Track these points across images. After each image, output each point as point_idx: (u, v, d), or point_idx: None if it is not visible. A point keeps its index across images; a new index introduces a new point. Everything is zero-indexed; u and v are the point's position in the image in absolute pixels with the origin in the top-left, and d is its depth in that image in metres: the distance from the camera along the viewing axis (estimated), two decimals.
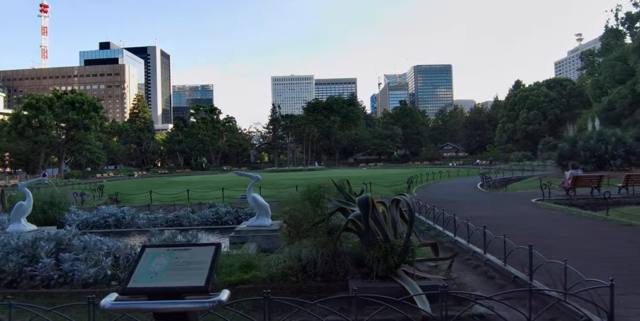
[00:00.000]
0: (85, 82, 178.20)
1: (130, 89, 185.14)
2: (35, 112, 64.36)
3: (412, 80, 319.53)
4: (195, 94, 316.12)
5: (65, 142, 71.13)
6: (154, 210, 15.51)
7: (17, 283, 6.63)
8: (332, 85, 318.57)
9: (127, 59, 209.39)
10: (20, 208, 9.76)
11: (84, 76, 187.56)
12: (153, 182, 45.09)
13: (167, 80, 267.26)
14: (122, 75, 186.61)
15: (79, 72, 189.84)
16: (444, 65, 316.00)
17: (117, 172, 76.11)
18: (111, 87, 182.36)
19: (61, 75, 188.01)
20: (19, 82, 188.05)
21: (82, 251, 7.05)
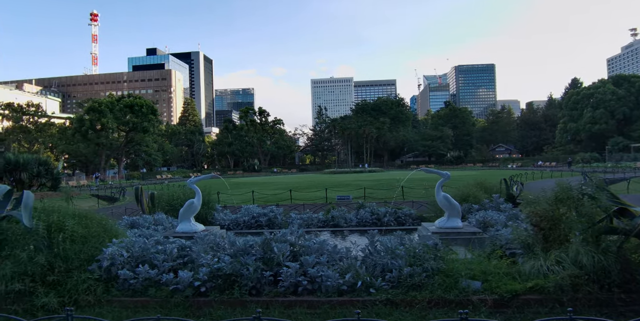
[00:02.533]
0: (134, 87, 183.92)
1: (176, 93, 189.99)
2: (98, 115, 66.26)
3: (453, 80, 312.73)
4: (236, 98, 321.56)
5: (125, 144, 72.99)
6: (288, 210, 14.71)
7: (257, 290, 5.82)
8: (371, 87, 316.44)
9: (173, 64, 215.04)
10: (191, 207, 9.13)
11: (133, 81, 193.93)
12: (221, 183, 44.87)
13: (210, 84, 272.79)
14: (169, 80, 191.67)
15: (128, 78, 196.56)
16: (487, 64, 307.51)
17: (174, 173, 77.41)
18: (158, 92, 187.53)
19: (112, 81, 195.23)
20: (73, 88, 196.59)
21: (315, 254, 6.21)
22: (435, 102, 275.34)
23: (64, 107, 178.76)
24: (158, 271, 6.01)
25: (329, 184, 34.40)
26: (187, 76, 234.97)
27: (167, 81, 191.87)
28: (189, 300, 5.60)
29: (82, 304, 5.61)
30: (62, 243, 6.15)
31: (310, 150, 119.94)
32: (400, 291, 5.62)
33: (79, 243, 6.31)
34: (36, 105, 77.22)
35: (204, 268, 5.88)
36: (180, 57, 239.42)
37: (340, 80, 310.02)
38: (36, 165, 27.99)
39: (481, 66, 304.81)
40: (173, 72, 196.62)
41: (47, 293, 5.56)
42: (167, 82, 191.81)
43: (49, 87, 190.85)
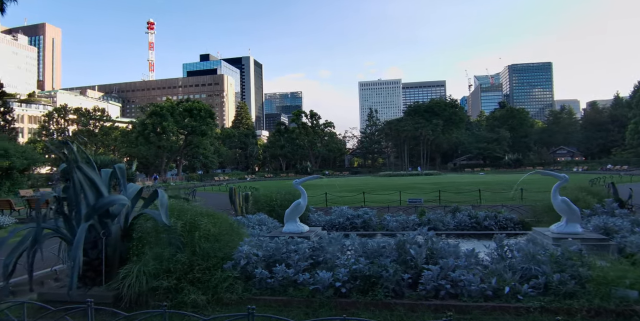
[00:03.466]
0: (188, 92, 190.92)
1: (228, 98, 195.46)
2: (159, 118, 69.17)
3: (506, 80, 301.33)
4: (284, 101, 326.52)
5: (184, 147, 75.70)
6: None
7: (396, 292, 5.71)
8: (420, 89, 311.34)
9: (225, 69, 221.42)
10: (297, 207, 9.19)
11: (187, 86, 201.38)
12: (282, 184, 45.29)
13: (260, 88, 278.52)
14: (221, 85, 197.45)
15: (183, 83, 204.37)
16: (543, 63, 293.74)
17: (230, 175, 79.45)
18: (211, 96, 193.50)
19: (167, 86, 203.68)
20: (132, 93, 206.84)
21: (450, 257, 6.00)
22: (487, 102, 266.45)
23: (124, 112, 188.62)
24: (294, 271, 6.04)
25: (391, 187, 33.98)
26: (238, 80, 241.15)
27: (220, 86, 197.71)
28: (332, 300, 5.58)
29: (225, 302, 5.71)
30: (199, 241, 6.31)
31: (360, 153, 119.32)
32: (553, 299, 5.32)
33: (212, 242, 6.47)
34: (101, 110, 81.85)
35: (343, 269, 5.83)
36: (232, 62, 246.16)
37: (388, 82, 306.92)
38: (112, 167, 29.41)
39: (537, 65, 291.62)
40: (225, 77, 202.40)
41: (195, 291, 5.70)
42: (220, 86, 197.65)
43: (110, 92, 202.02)
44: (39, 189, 39.34)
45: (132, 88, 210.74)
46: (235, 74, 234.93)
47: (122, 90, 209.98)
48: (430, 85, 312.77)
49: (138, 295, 5.89)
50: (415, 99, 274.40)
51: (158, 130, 68.78)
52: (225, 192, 33.67)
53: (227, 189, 35.32)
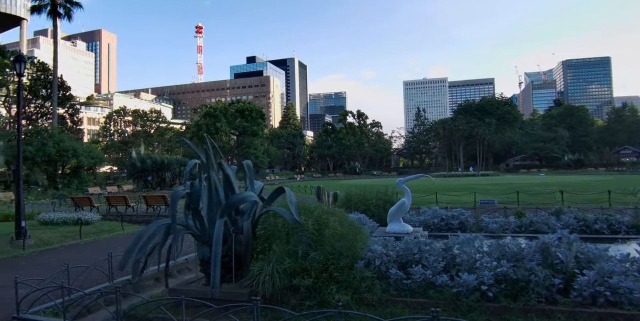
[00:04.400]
0: (236, 94, 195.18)
1: (274, 99, 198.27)
2: (213, 119, 71.06)
3: (560, 77, 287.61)
4: (328, 102, 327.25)
5: (235, 147, 77.36)
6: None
7: (547, 298, 5.36)
8: (467, 87, 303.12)
9: (271, 71, 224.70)
10: (402, 207, 8.99)
11: (235, 88, 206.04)
12: (361, 184, 44.62)
13: (304, 89, 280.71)
14: (267, 86, 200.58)
15: (231, 85, 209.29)
16: (600, 58, 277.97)
17: (280, 175, 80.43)
18: (258, 97, 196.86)
19: (216, 88, 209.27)
20: (182, 96, 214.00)
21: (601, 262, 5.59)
22: (540, 100, 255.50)
23: (175, 113, 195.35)
24: (431, 272, 5.83)
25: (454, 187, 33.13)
26: (284, 82, 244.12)
27: (266, 87, 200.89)
28: (480, 304, 5.32)
29: (367, 302, 5.59)
30: (329, 239, 6.23)
31: (407, 153, 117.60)
32: None
33: (341, 240, 6.37)
34: (157, 112, 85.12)
35: (487, 271, 5.56)
36: (277, 63, 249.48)
37: (434, 81, 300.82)
38: (177, 166, 30.46)
39: (594, 60, 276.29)
40: (271, 79, 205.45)
41: (337, 290, 5.62)
42: (266, 88, 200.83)
43: (162, 95, 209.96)
44: (105, 187, 41.39)
45: (182, 90, 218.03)
46: (280, 75, 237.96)
47: (173, 93, 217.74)
48: (478, 83, 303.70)
49: (272, 293, 5.88)
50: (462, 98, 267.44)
51: (212, 131, 70.64)
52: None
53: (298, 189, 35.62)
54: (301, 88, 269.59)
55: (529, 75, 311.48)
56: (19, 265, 9.38)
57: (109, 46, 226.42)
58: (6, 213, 17.16)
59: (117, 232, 14.10)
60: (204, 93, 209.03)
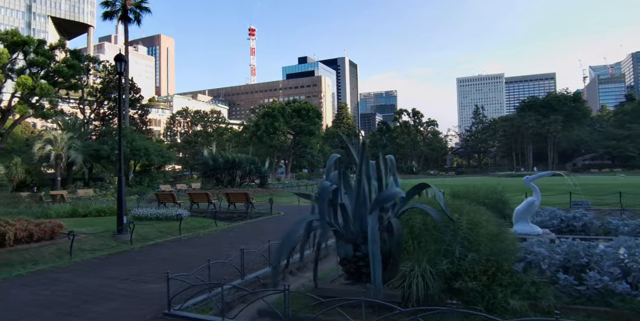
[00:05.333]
0: (288, 94, 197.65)
1: (325, 98, 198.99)
2: (271, 119, 72.07)
3: (629, 70, 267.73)
4: (379, 100, 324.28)
5: (293, 146, 78.08)
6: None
7: None
8: (525, 83, 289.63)
9: (322, 71, 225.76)
10: (531, 207, 8.38)
11: (287, 89, 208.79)
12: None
13: (355, 89, 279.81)
14: (319, 86, 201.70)
15: (283, 85, 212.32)
16: None
17: None
18: (310, 97, 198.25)
19: (269, 89, 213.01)
20: (237, 97, 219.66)
21: None
22: (607, 96, 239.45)
23: (230, 114, 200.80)
24: (609, 278, 5.24)
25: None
26: (334, 81, 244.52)
27: (318, 87, 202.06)
28: None
29: (541, 309, 5.10)
30: (484, 239, 5.79)
31: (464, 152, 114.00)
32: None
33: (495, 241, 5.91)
34: (217, 112, 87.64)
35: None
36: (328, 63, 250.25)
37: (489, 77, 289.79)
38: (248, 164, 30.96)
39: None
40: (322, 78, 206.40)
41: (509, 294, 5.17)
42: (318, 87, 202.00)
43: (217, 96, 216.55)
44: (175, 184, 42.96)
45: (236, 91, 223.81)
46: (331, 75, 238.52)
47: (228, 94, 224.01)
48: (538, 79, 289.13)
49: (425, 296, 5.52)
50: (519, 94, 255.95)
51: (270, 130, 71.70)
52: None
53: None
54: (352, 87, 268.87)
55: (594, 69, 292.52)
56: (136, 260, 9.61)
57: (167, 50, 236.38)
58: (98, 208, 17.94)
59: (211, 228, 14.32)
60: (258, 94, 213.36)
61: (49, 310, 6.00)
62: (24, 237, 10.87)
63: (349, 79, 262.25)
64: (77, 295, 6.72)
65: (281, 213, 17.96)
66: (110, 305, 6.14)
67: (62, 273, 8.42)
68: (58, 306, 6.13)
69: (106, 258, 9.87)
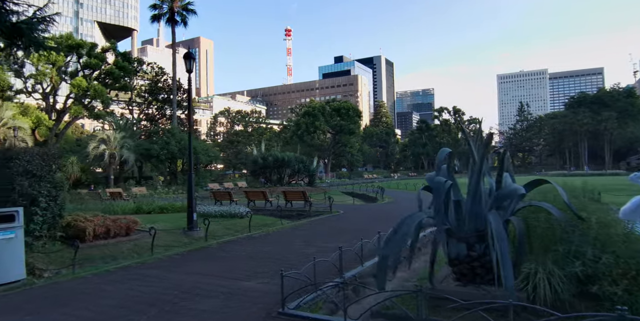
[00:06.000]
0: (324, 94, 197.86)
1: (362, 98, 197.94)
2: (312, 118, 72.12)
3: None
4: (415, 99, 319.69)
5: (333, 145, 77.88)
6: None
7: None
8: (570, 79, 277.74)
9: (358, 70, 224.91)
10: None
11: (323, 88, 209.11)
12: None
13: (391, 87, 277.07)
14: (355, 85, 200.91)
15: (319, 85, 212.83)
16: None
17: (375, 173, 79.74)
18: (346, 96, 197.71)
19: (305, 89, 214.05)
20: (274, 97, 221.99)
21: None
22: None
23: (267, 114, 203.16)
24: None
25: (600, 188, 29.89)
26: (371, 80, 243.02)
27: (354, 86, 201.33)
28: None
29: None
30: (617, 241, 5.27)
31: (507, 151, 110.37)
32: None
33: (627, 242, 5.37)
34: (258, 112, 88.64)
35: None
36: (364, 62, 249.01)
37: (532, 73, 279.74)
38: (296, 163, 30.94)
39: None
40: (359, 77, 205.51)
41: None
42: (354, 86, 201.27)
43: (255, 97, 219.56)
44: (222, 183, 43.58)
45: (273, 92, 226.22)
46: (367, 74, 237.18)
47: (265, 94, 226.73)
48: (584, 74, 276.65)
49: (554, 300, 5.06)
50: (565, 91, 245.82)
51: (311, 130, 71.80)
52: (405, 190, 33.13)
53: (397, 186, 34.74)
54: (388, 86, 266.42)
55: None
56: (217, 256, 9.56)
57: (206, 52, 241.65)
58: (161, 206, 18.25)
59: (277, 225, 14.23)
60: (294, 94, 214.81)
61: (153, 306, 5.93)
62: (102, 233, 11.04)
63: (385, 77, 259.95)
64: (174, 291, 6.65)
65: (340, 212, 17.71)
66: (212, 303, 6.02)
67: (148, 269, 8.44)
68: (160, 303, 6.06)
69: (187, 254, 9.88)
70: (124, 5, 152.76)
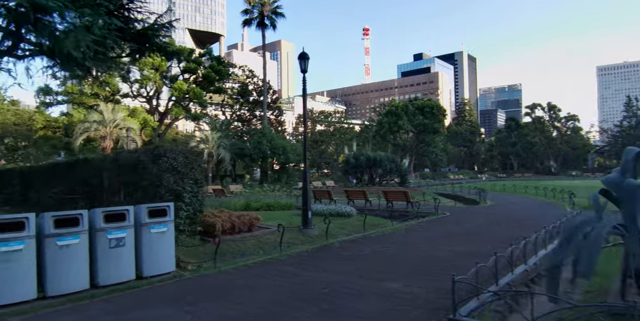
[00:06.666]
0: (404, 92, 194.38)
1: (443, 95, 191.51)
2: (395, 118, 71.00)
3: None
4: (501, 95, 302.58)
5: (416, 145, 76.09)
6: None
7: None
8: None
9: (438, 67, 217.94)
10: None
11: (402, 87, 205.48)
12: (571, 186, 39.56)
13: (474, 84, 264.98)
14: (436, 83, 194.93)
15: (398, 84, 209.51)
16: None
17: (460, 174, 76.69)
18: (426, 95, 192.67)
19: (383, 88, 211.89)
20: (352, 97, 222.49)
21: None
22: None
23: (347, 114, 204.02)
24: None
25: None
26: (452, 77, 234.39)
27: (434, 84, 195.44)
28: None
29: None
30: None
31: (611, 151, 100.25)
32: None
33: None
34: (341, 112, 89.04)
35: None
36: (444, 58, 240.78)
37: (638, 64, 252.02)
38: (388, 162, 30.55)
39: None
40: (439, 75, 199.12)
41: None
42: (434, 84, 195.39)
43: (334, 97, 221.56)
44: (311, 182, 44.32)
45: (352, 91, 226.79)
46: (448, 71, 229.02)
47: (344, 94, 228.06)
48: None
49: None
50: None
51: (394, 129, 70.77)
52: (507, 193, 31.40)
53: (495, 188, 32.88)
54: (470, 82, 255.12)
55: None
56: (344, 255, 9.55)
57: (287, 55, 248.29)
58: (268, 203, 18.82)
59: (388, 226, 14.04)
60: (373, 93, 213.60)
61: (309, 304, 5.97)
62: (228, 228, 11.53)
63: (467, 73, 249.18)
64: (322, 289, 6.67)
65: (447, 214, 17.07)
66: (369, 304, 5.93)
67: (284, 265, 8.60)
68: (316, 301, 6.08)
69: (314, 252, 10.00)
70: (212, 12, 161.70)
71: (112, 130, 35.43)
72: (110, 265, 6.93)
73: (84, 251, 6.65)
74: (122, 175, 10.03)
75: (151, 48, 14.36)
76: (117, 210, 7.13)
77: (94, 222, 6.84)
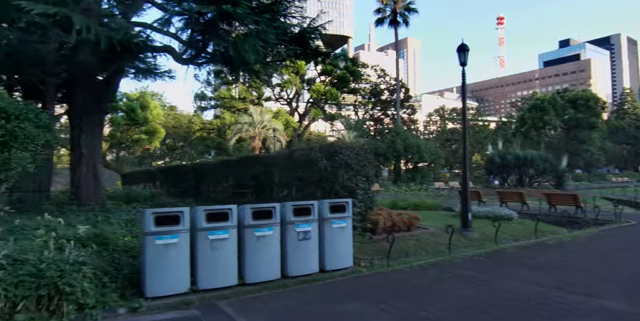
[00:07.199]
0: (546, 84, 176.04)
1: (597, 86, 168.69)
2: (540, 113, 64.55)
3: None
4: None
5: (565, 143, 68.19)
6: None
7: None
8: None
9: (590, 53, 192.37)
10: None
11: (545, 78, 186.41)
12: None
13: (636, 71, 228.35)
14: (587, 71, 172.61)
15: (540, 75, 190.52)
16: None
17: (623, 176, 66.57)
18: (574, 86, 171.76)
19: (521, 81, 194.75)
20: (485, 92, 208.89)
21: None
22: None
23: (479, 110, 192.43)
24: None
25: None
26: (607, 64, 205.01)
27: (585, 73, 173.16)
28: None
29: None
30: None
31: None
32: None
33: None
34: (476, 109, 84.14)
35: None
36: (597, 43, 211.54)
37: None
38: (541, 162, 27.72)
39: None
40: (591, 62, 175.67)
41: None
42: (585, 73, 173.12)
43: None
44: (447, 182, 42.56)
45: (484, 86, 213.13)
46: (603, 57, 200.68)
47: (474, 89, 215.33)
48: None
49: None
50: None
51: (538, 125, 64.45)
52: None
53: None
54: (631, 69, 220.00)
55: None
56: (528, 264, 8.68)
57: (414, 52, 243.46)
58: (414, 202, 18.36)
59: (561, 233, 12.57)
60: (508, 87, 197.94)
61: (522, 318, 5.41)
62: (388, 227, 11.41)
63: (627, 59, 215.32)
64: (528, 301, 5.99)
65: (631, 222, 14.67)
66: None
67: (460, 269, 8.08)
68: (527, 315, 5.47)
69: (488, 257, 9.29)
70: (340, 15, 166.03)
71: (260, 131, 38.33)
72: (299, 257, 7.24)
73: (277, 242, 7.04)
74: (296, 171, 10.53)
75: (306, 51, 14.95)
76: (304, 205, 7.42)
77: (285, 216, 7.20)
